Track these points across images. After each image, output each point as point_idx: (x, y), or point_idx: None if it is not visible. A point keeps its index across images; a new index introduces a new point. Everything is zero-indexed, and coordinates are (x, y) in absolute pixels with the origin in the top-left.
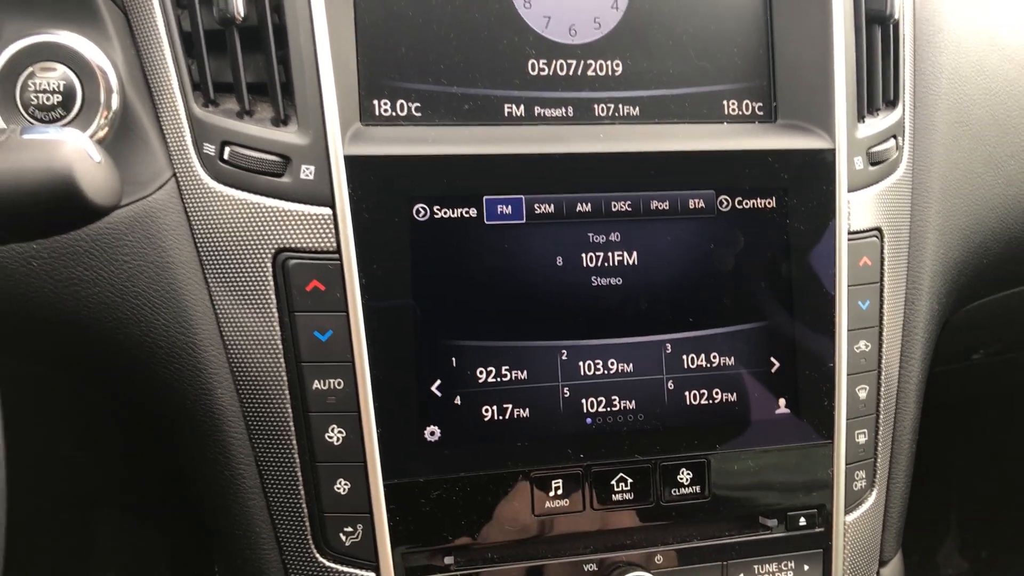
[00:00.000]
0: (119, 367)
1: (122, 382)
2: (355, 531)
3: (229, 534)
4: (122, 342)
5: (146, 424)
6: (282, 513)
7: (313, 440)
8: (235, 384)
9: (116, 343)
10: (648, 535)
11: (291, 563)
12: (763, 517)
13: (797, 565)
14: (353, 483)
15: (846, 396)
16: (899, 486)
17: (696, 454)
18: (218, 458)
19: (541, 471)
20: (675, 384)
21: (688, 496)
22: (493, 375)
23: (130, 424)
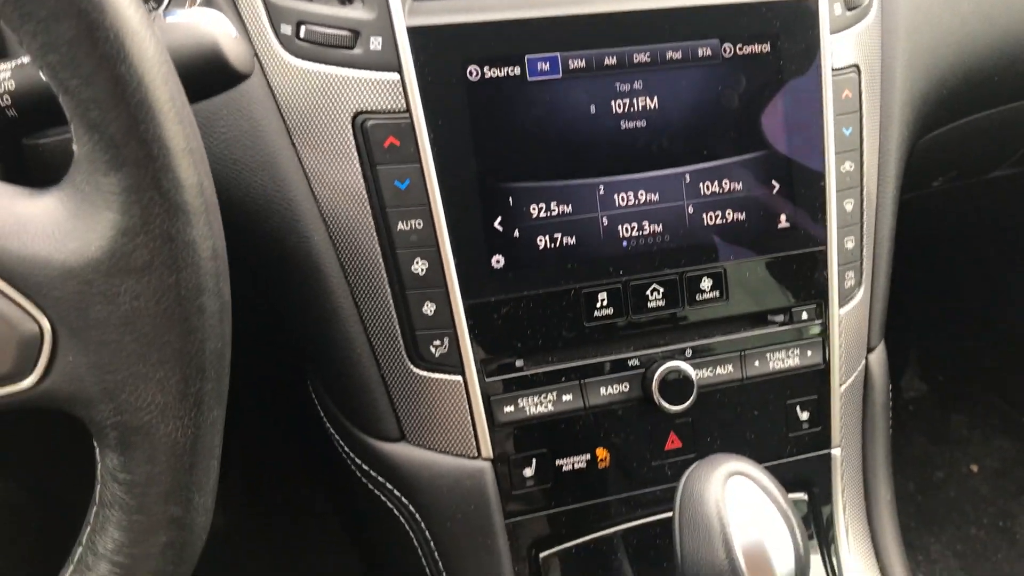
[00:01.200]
0: (225, 228)
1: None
2: (443, 344)
3: (330, 358)
4: (225, 202)
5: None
6: (379, 335)
7: (401, 272)
8: (328, 232)
9: (221, 204)
10: (679, 335)
11: (389, 376)
12: (771, 315)
13: (802, 351)
14: (438, 305)
15: (835, 209)
16: (881, 285)
17: (714, 265)
18: (318, 295)
19: (589, 287)
20: (694, 208)
21: (710, 300)
22: (543, 210)
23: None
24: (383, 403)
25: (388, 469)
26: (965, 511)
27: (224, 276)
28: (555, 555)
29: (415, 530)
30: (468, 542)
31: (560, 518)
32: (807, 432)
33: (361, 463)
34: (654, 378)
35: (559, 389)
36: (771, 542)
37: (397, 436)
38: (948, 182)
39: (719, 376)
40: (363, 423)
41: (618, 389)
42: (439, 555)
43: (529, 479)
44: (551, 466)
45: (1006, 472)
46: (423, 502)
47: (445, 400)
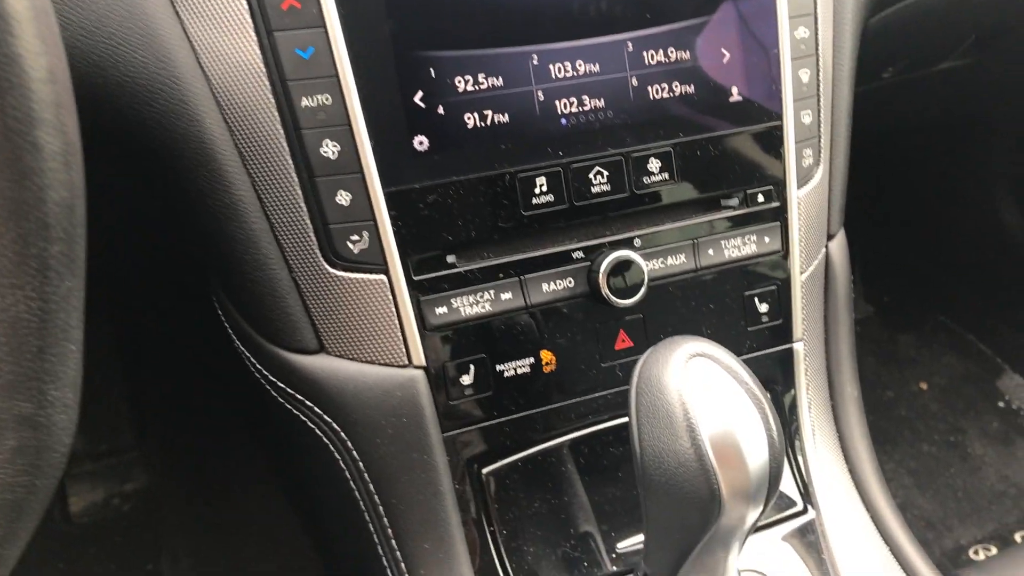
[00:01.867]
0: (104, 114)
1: (111, 131)
2: (361, 238)
3: (232, 262)
4: (103, 85)
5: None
6: (287, 231)
7: (309, 156)
8: (222, 113)
9: (96, 88)
10: (626, 222)
11: (302, 278)
12: (725, 199)
13: (759, 238)
14: (354, 193)
15: (791, 79)
16: (839, 166)
17: (662, 144)
18: (215, 187)
19: (525, 171)
20: (638, 80)
21: (658, 183)
22: (471, 83)
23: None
24: (296, 310)
25: (307, 385)
26: (917, 429)
27: (69, 110)
28: (499, 470)
29: (341, 451)
30: (401, 460)
31: (503, 429)
32: (767, 326)
33: (276, 380)
34: (601, 270)
35: (497, 287)
36: (741, 430)
37: (315, 347)
38: (898, 73)
39: (671, 267)
40: (275, 335)
41: (562, 284)
42: (370, 477)
43: (467, 387)
44: (491, 372)
45: (954, 389)
46: (348, 419)
47: (368, 303)
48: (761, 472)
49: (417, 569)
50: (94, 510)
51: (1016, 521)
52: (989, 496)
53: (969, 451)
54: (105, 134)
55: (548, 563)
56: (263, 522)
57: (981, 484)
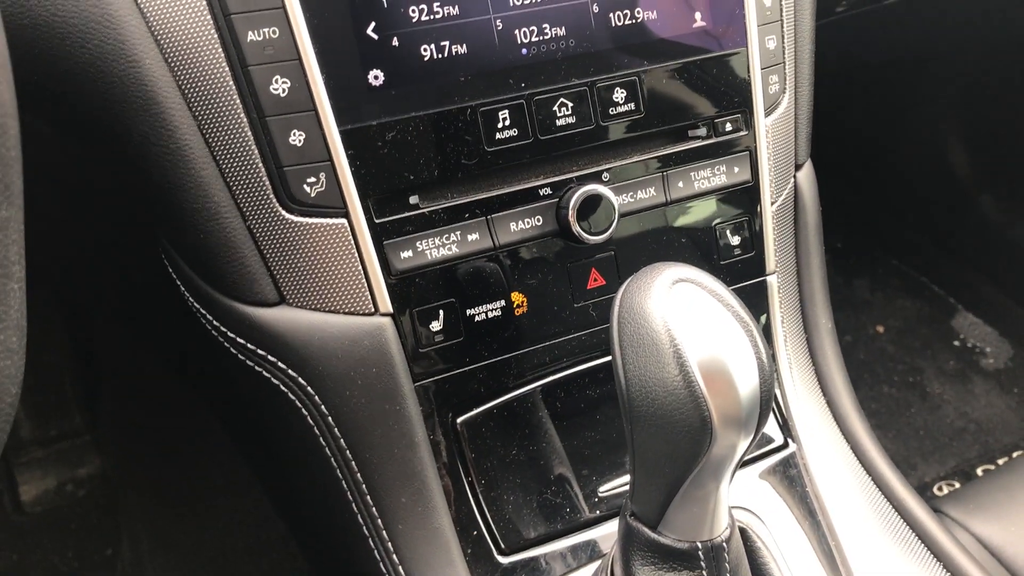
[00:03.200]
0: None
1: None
2: (318, 180)
3: (182, 213)
4: (31, 27)
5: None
6: (238, 176)
7: (258, 94)
8: (162, 52)
9: (23, 30)
10: (593, 156)
11: (257, 226)
12: (692, 129)
13: (728, 168)
14: (308, 133)
15: (754, 3)
16: (804, 93)
17: (627, 73)
18: (159, 132)
19: (487, 104)
20: (600, 7)
21: (624, 114)
22: (425, 12)
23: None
24: (253, 261)
25: (268, 339)
26: (876, 371)
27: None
28: (474, 418)
29: (309, 407)
30: (372, 412)
31: (476, 376)
32: (739, 258)
33: (236, 336)
34: (570, 206)
35: (463, 227)
36: (730, 354)
37: (275, 299)
38: (851, 7)
39: (641, 200)
40: (232, 289)
41: (530, 223)
42: (340, 432)
43: (437, 334)
44: (461, 317)
45: (910, 330)
46: (315, 371)
47: (328, 249)
48: (752, 397)
49: (394, 524)
50: (47, 498)
51: (977, 456)
52: (950, 433)
53: (928, 390)
54: (38, 86)
55: (529, 511)
56: (227, 496)
57: (941, 422)
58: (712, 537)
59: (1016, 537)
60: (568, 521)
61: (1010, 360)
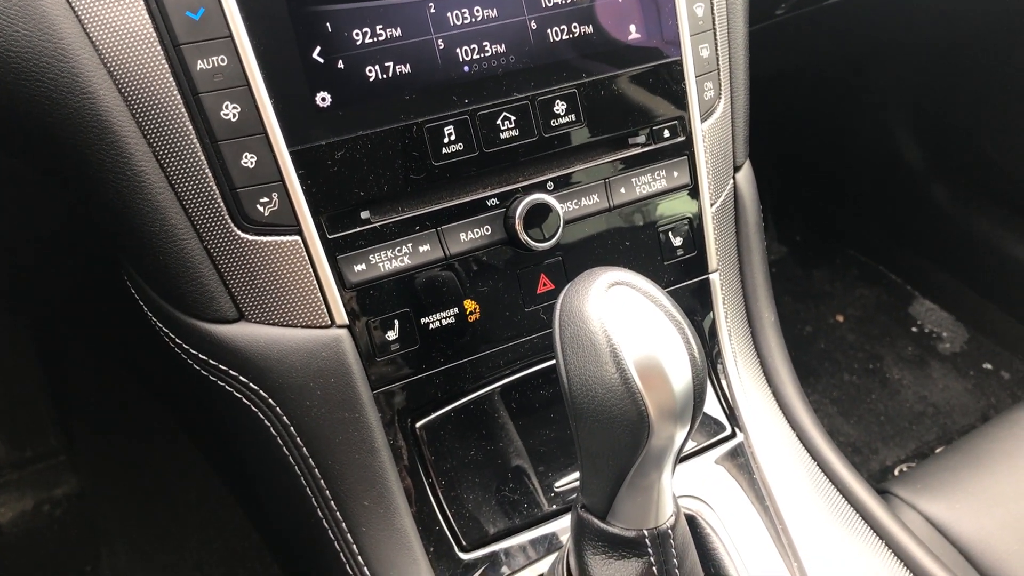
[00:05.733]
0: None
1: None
2: (271, 200)
3: (141, 237)
4: None
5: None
6: (193, 199)
7: (209, 120)
8: (115, 84)
9: None
10: (537, 166)
11: (214, 246)
12: (632, 137)
13: (668, 172)
14: (259, 155)
15: (686, 14)
16: (740, 97)
17: (567, 86)
18: (115, 161)
19: (432, 121)
20: (537, 23)
21: (566, 125)
22: (369, 35)
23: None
24: (211, 280)
25: (229, 354)
26: (836, 359)
27: None
28: (432, 422)
29: (271, 418)
30: (333, 421)
31: (433, 381)
32: (682, 259)
33: (197, 353)
34: (517, 215)
35: (414, 240)
36: (663, 352)
37: (234, 315)
38: (791, 9)
39: (585, 207)
40: (192, 307)
41: (479, 232)
42: (302, 441)
43: (393, 343)
44: (416, 326)
45: (869, 318)
46: (275, 384)
47: (284, 266)
48: (686, 391)
49: (358, 527)
50: (24, 519)
51: (936, 438)
52: (909, 417)
53: (887, 376)
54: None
55: (488, 508)
56: (203, 510)
57: (901, 406)
58: (658, 524)
59: (960, 514)
60: (526, 516)
61: (965, 344)
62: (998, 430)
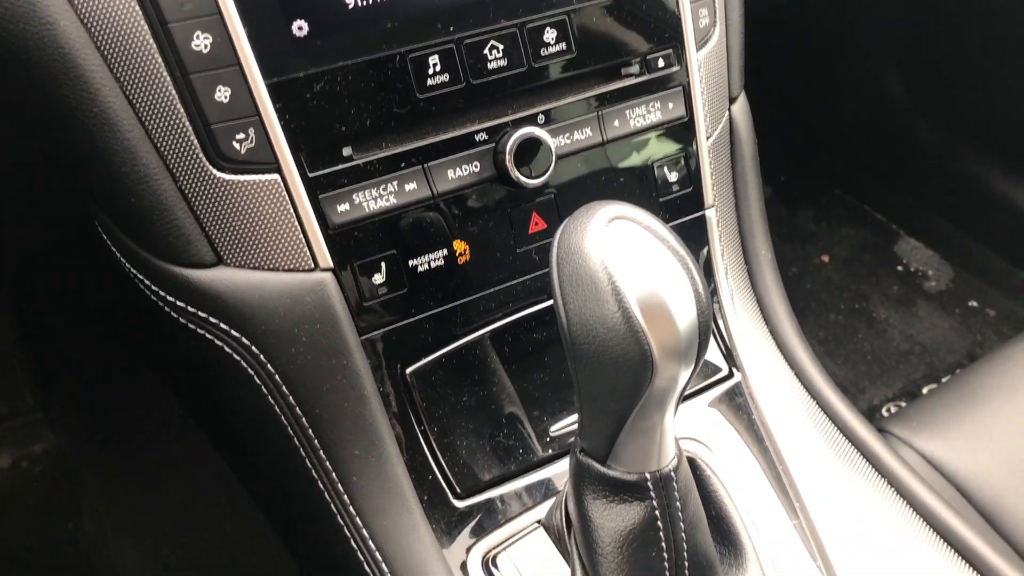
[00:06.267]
0: None
1: None
2: (248, 136)
3: (112, 180)
4: None
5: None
6: (165, 137)
7: (179, 51)
8: (77, 14)
9: None
10: (527, 99)
11: (189, 187)
12: (625, 67)
13: (662, 104)
14: (233, 88)
15: None
16: (736, 24)
17: (556, 12)
18: (81, 96)
19: (416, 50)
20: None
21: (556, 55)
22: None
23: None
24: (187, 223)
25: (209, 300)
26: (822, 300)
27: None
28: (422, 368)
29: (255, 366)
30: (320, 368)
31: (423, 326)
32: (678, 194)
33: (176, 300)
34: (507, 150)
35: (400, 177)
36: (667, 288)
37: (212, 260)
38: None
39: (577, 141)
40: (168, 252)
41: (468, 169)
42: (288, 390)
43: (380, 287)
44: (404, 269)
45: (855, 258)
46: (258, 331)
47: (263, 206)
48: (691, 329)
49: (349, 477)
50: (3, 476)
51: (922, 376)
52: (896, 356)
53: (874, 316)
54: None
55: (482, 455)
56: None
57: (887, 345)
58: (660, 467)
59: (956, 451)
60: (521, 462)
61: (951, 282)
62: (992, 366)
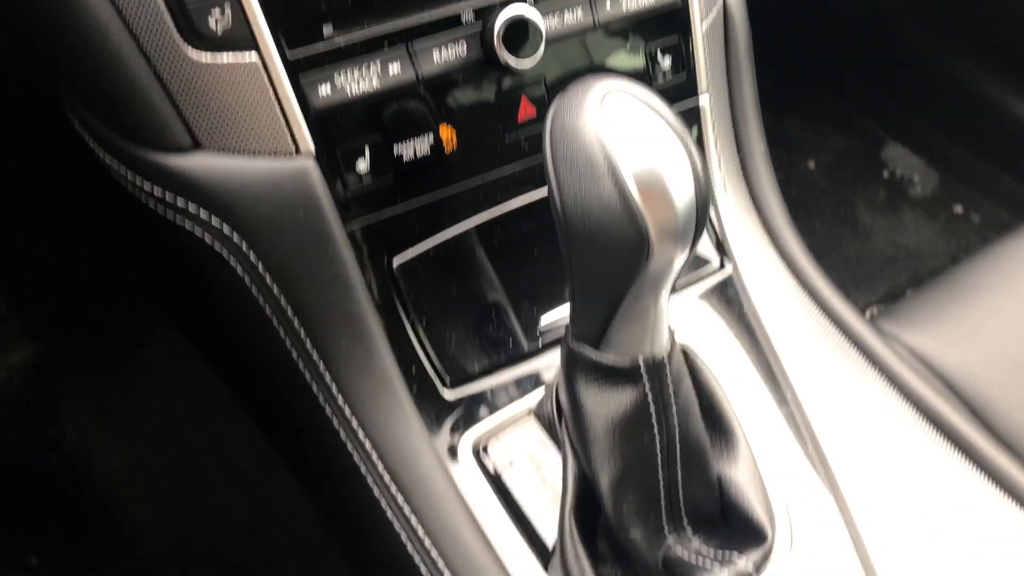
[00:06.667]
0: None
1: None
2: (223, 13)
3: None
4: None
5: None
6: (136, 14)
7: None
8: None
9: None
10: None
11: (163, 67)
12: None
13: None
14: None
15: None
16: None
17: None
18: None
19: None
20: None
21: None
22: None
23: None
24: (162, 105)
25: (187, 186)
26: (808, 206)
27: None
28: (410, 260)
29: (237, 254)
30: (304, 257)
31: (409, 216)
32: (672, 83)
33: (153, 188)
34: (495, 30)
35: (383, 58)
36: (664, 166)
37: (188, 144)
38: None
39: (568, 24)
40: (143, 136)
41: (454, 51)
42: (272, 280)
43: (364, 174)
44: (388, 155)
45: (841, 164)
46: (239, 218)
47: (241, 88)
48: (688, 208)
49: (337, 367)
50: None
51: (907, 280)
52: (880, 261)
53: (859, 221)
54: None
55: (471, 347)
56: (167, 367)
57: (872, 251)
58: (654, 352)
59: (945, 346)
60: (511, 353)
61: (937, 187)
62: (981, 264)
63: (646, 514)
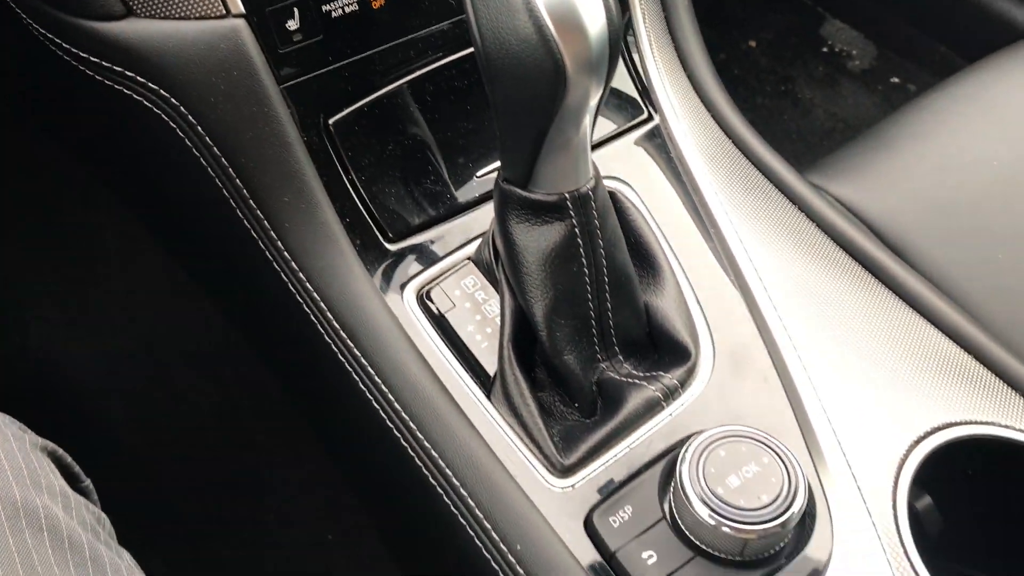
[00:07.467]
0: None
1: None
2: None
3: None
4: None
5: None
6: None
7: None
8: None
9: None
10: None
11: None
12: None
13: None
14: None
15: None
16: None
17: None
18: None
19: None
20: None
21: None
22: None
23: None
24: None
25: (121, 52)
26: (750, 84)
27: None
28: (345, 118)
29: (175, 118)
30: (241, 116)
31: (342, 75)
32: None
33: (88, 56)
34: None
35: None
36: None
37: (121, 11)
38: None
39: None
40: (75, 5)
41: None
42: (211, 140)
43: (295, 33)
44: (318, 14)
45: (781, 41)
46: (175, 81)
47: None
48: (601, 40)
49: (280, 223)
50: None
51: None
52: (820, 134)
53: (799, 96)
54: None
55: (410, 201)
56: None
57: (813, 124)
58: (579, 187)
59: (868, 194)
60: (449, 206)
61: (874, 60)
62: (905, 116)
63: (579, 340)
